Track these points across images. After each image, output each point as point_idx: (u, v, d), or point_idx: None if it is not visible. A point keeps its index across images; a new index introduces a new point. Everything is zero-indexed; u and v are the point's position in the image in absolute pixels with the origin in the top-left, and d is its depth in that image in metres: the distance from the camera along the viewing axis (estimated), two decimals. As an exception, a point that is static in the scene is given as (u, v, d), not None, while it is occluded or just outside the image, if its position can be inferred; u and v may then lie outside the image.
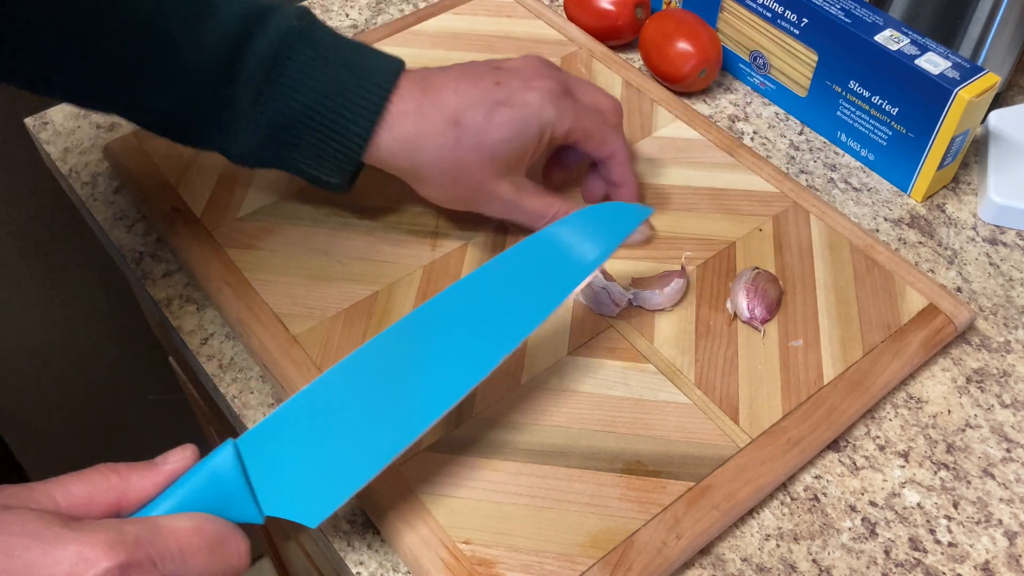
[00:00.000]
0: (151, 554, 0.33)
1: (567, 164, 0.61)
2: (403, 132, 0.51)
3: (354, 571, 0.47)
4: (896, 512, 0.49)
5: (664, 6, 0.76)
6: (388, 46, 0.73)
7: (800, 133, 0.69)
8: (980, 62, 0.68)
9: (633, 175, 0.58)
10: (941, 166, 0.63)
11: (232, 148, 0.53)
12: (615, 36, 0.75)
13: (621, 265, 0.58)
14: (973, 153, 0.68)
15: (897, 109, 0.63)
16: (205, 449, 0.39)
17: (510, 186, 0.54)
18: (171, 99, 0.51)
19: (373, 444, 0.42)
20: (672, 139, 0.66)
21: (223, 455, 0.39)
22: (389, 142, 0.51)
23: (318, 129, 0.51)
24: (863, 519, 0.49)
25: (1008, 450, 0.52)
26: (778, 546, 0.48)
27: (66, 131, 0.69)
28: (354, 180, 0.55)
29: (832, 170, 0.67)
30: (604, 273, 0.55)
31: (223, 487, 0.39)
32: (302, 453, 0.41)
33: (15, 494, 0.34)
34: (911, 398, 0.54)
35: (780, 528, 0.49)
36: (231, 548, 0.37)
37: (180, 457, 0.39)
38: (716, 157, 0.64)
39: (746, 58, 0.71)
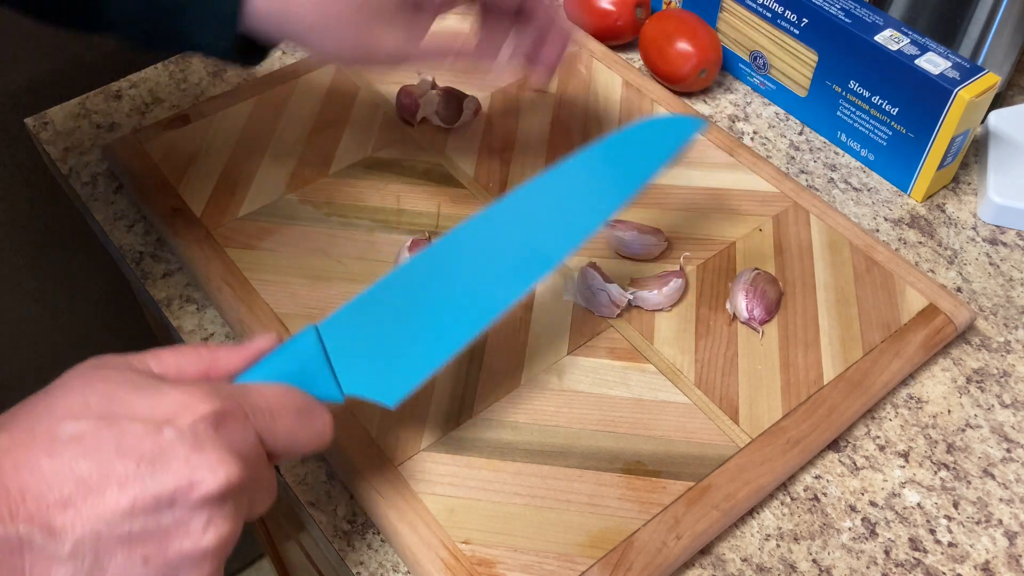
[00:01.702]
0: (244, 407, 0.35)
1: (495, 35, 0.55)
2: None
3: (354, 571, 0.47)
4: (896, 512, 0.49)
5: (664, 6, 0.76)
6: (388, 46, 0.73)
7: (800, 133, 0.69)
8: (980, 62, 0.68)
9: (559, 14, 0.54)
10: (941, 166, 0.63)
11: (116, 20, 0.49)
12: (615, 36, 0.75)
13: (620, 265, 0.58)
14: (973, 153, 0.68)
15: (897, 109, 0.63)
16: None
17: (398, 30, 0.49)
18: None
19: (443, 331, 0.44)
20: (672, 139, 0.66)
21: (305, 337, 0.41)
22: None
23: None
24: (863, 519, 0.49)
25: (1008, 450, 0.52)
26: (778, 546, 0.48)
27: (66, 131, 0.69)
28: (254, 52, 0.51)
29: (832, 170, 0.67)
30: (603, 274, 0.55)
31: (306, 366, 0.41)
32: (378, 338, 0.43)
33: (113, 360, 0.36)
34: (911, 398, 0.54)
35: (780, 528, 0.49)
36: (316, 416, 0.39)
37: (265, 339, 0.41)
38: (716, 157, 0.64)
39: (746, 58, 0.71)
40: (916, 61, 0.61)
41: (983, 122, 0.68)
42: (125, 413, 0.33)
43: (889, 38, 0.62)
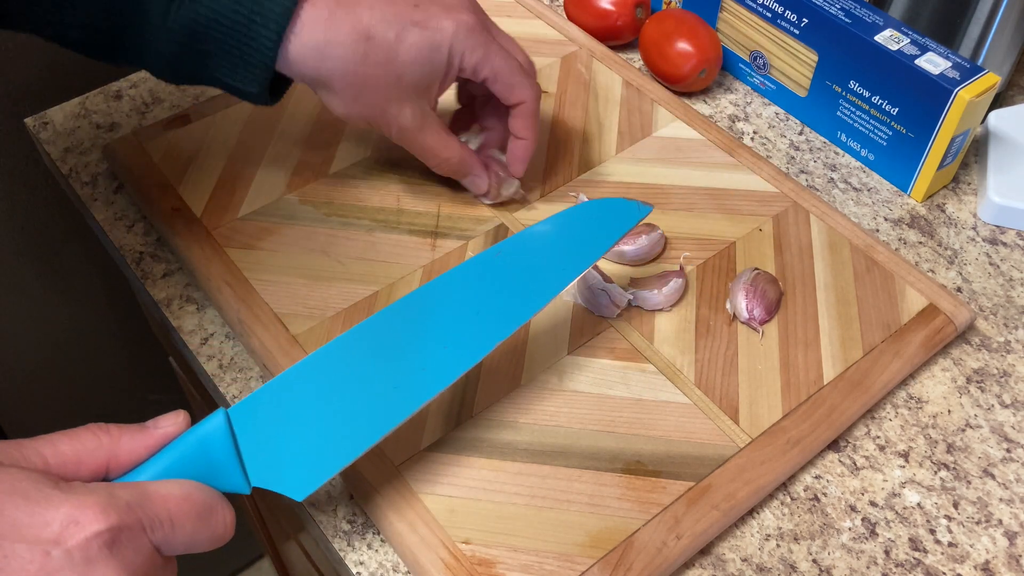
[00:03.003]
0: (141, 519, 0.34)
1: (475, 114, 0.62)
2: (312, 39, 0.50)
3: (354, 571, 0.47)
4: (896, 512, 0.49)
5: (664, 6, 0.76)
6: (388, 46, 0.73)
7: (800, 133, 0.70)
8: (980, 62, 0.68)
9: (536, 131, 0.58)
10: (941, 166, 0.63)
11: (150, 60, 0.52)
12: (615, 36, 0.75)
13: (620, 267, 0.58)
14: (973, 153, 0.68)
15: (897, 109, 0.63)
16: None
17: (413, 113, 0.54)
18: (86, 13, 0.50)
19: (364, 421, 0.43)
20: (672, 139, 0.66)
21: (214, 422, 0.39)
22: (299, 48, 0.50)
23: (229, 36, 0.49)
24: (863, 519, 0.49)
25: (1008, 450, 0.52)
26: (778, 546, 0.48)
27: (66, 131, 0.69)
28: (278, 93, 0.55)
29: (832, 170, 0.67)
30: (603, 274, 0.55)
31: (212, 455, 0.39)
32: (292, 426, 0.41)
33: (3, 451, 0.34)
34: (911, 398, 0.54)
35: (780, 528, 0.49)
36: (218, 517, 0.37)
37: (172, 422, 0.39)
38: (716, 157, 0.64)
39: (746, 58, 0.72)
40: (916, 61, 0.61)
41: (983, 122, 0.68)
42: (11, 534, 0.31)
43: (889, 38, 0.62)
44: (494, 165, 0.60)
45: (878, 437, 0.52)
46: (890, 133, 0.64)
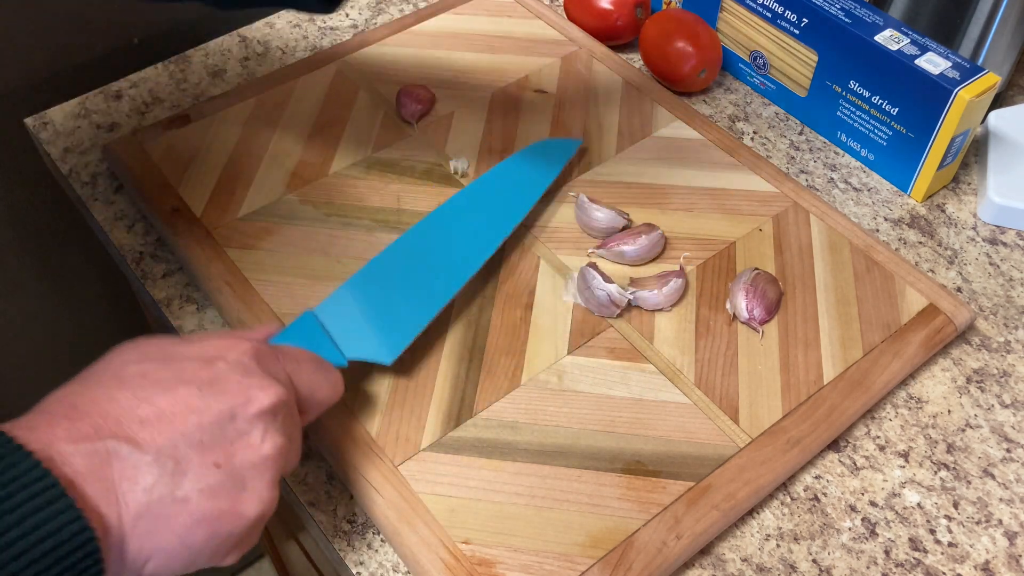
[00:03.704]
0: (275, 350, 0.42)
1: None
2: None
3: (354, 571, 0.47)
4: (896, 512, 0.49)
5: (664, 6, 0.76)
6: (389, 46, 0.73)
7: (800, 133, 0.69)
8: (980, 62, 0.68)
9: None
10: (941, 166, 0.63)
11: None
12: (615, 36, 0.75)
13: (619, 266, 0.58)
14: (973, 153, 0.68)
15: (897, 109, 0.63)
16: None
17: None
18: None
19: (421, 299, 0.52)
20: (672, 139, 0.66)
21: (303, 319, 0.49)
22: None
23: None
24: (863, 519, 0.49)
25: (1008, 450, 0.52)
26: (778, 546, 0.48)
27: (66, 131, 0.69)
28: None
29: (832, 170, 0.67)
30: (603, 274, 0.55)
31: (310, 339, 0.48)
32: (367, 311, 0.51)
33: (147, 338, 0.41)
34: (911, 398, 0.54)
35: (780, 528, 0.49)
36: (330, 370, 0.45)
37: (269, 325, 0.48)
38: (716, 157, 0.64)
39: (746, 58, 0.71)
40: (916, 61, 0.61)
41: (983, 122, 0.68)
42: (179, 354, 0.38)
43: (889, 38, 0.62)
44: None
45: (878, 437, 0.52)
46: (890, 133, 0.64)
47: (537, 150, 0.63)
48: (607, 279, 0.55)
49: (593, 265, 0.56)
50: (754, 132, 0.69)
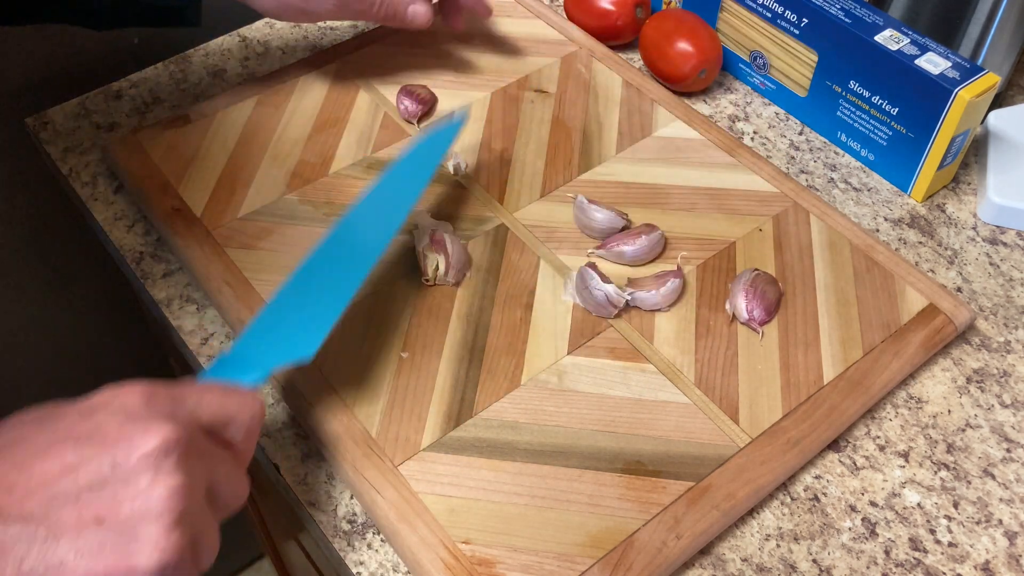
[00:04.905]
0: (173, 389, 0.39)
1: None
2: None
3: (354, 571, 0.47)
4: (896, 512, 0.49)
5: (664, 6, 0.76)
6: (390, 46, 0.73)
7: (800, 133, 0.69)
8: (980, 62, 0.68)
9: None
10: (941, 166, 0.63)
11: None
12: (615, 36, 0.75)
13: (619, 266, 0.58)
14: (973, 153, 0.68)
15: (897, 109, 0.63)
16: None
17: None
18: None
19: (335, 293, 0.50)
20: (672, 139, 0.66)
21: (216, 362, 0.46)
22: None
23: None
24: (863, 519, 0.49)
25: (1008, 450, 0.52)
26: (778, 546, 0.48)
27: (66, 131, 0.69)
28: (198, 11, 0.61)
29: (832, 170, 0.67)
30: (601, 275, 0.55)
31: (223, 374, 0.45)
32: (280, 323, 0.49)
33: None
34: (911, 398, 0.54)
35: (780, 528, 0.49)
36: (243, 392, 0.41)
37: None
38: (716, 157, 0.64)
39: (746, 58, 0.71)
40: (916, 61, 0.61)
41: (983, 122, 0.68)
42: (58, 414, 0.36)
43: (889, 38, 0.62)
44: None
45: (878, 437, 0.52)
46: (890, 133, 0.64)
47: (426, 138, 0.61)
48: (605, 279, 0.55)
49: (592, 265, 0.56)
50: (754, 132, 0.69)
